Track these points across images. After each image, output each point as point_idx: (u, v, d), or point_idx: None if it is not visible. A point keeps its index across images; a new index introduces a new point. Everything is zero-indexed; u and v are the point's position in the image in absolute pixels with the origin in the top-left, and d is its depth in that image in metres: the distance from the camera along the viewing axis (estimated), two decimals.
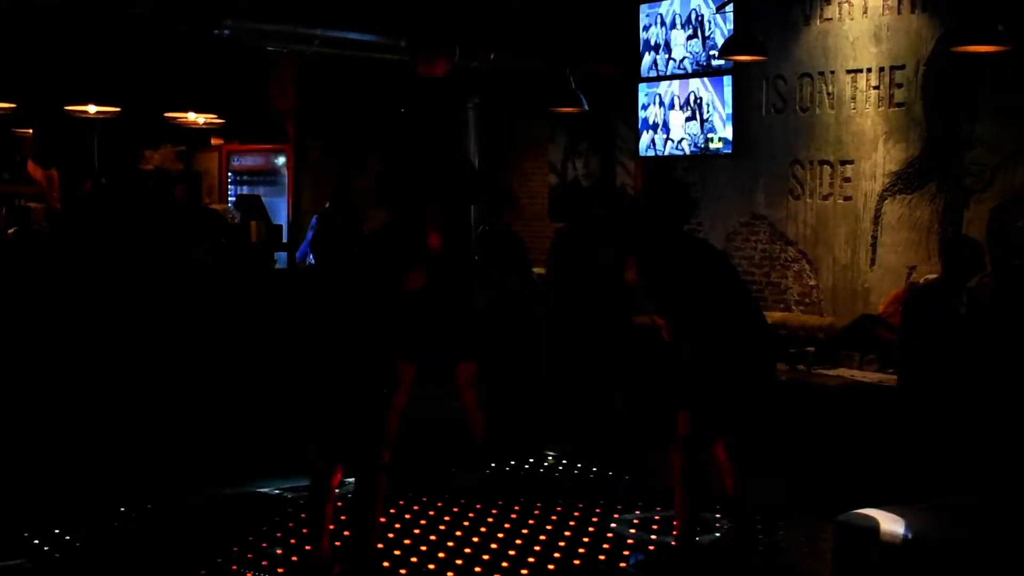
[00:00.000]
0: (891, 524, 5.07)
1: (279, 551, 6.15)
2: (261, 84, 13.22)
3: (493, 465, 8.00)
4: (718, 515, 6.77)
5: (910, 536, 4.94)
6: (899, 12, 9.21)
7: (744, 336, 5.89)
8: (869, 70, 9.44)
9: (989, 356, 6.89)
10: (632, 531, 6.61)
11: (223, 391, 8.00)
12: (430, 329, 7.15)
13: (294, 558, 6.04)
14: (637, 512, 6.99)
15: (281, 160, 13.72)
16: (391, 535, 6.43)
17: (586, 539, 6.46)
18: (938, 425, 6.74)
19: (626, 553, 6.26)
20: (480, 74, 11.95)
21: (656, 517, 6.83)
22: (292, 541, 6.29)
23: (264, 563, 5.99)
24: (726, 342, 5.80)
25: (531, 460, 8.20)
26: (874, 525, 5.12)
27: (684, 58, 10.89)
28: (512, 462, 8.08)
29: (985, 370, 6.85)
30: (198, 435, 7.67)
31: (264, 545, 6.28)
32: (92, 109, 10.96)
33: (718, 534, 6.48)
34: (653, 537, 6.52)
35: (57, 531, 6.37)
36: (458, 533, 6.55)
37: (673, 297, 5.80)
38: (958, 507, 5.32)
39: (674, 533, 6.16)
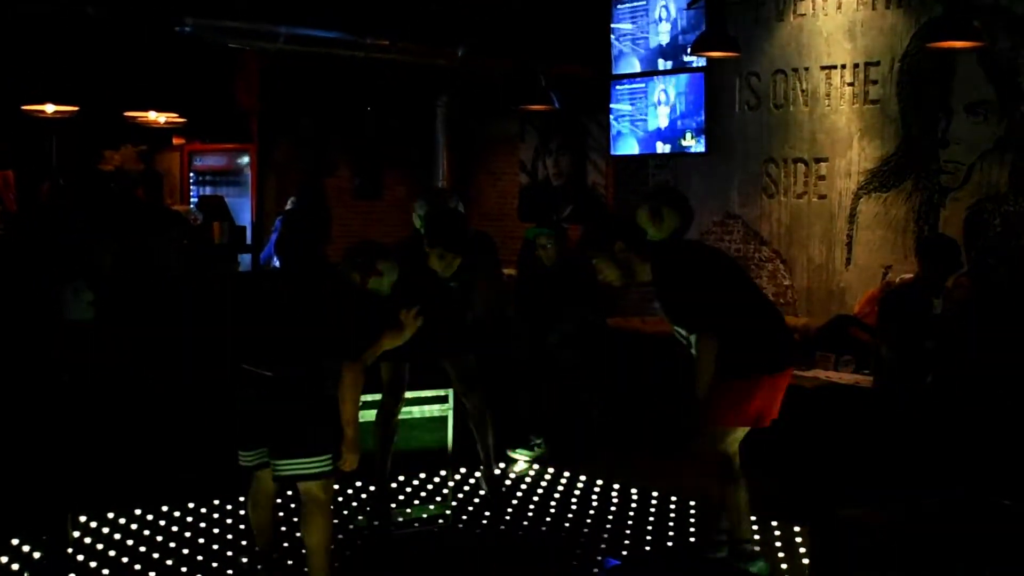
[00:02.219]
0: (868, 524, 5.10)
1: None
2: (224, 82, 13.18)
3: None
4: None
5: (887, 536, 4.97)
6: (874, 8, 9.26)
7: (772, 339, 5.79)
8: (844, 66, 9.49)
9: (966, 356, 6.96)
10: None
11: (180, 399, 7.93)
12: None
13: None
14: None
15: (245, 160, 13.68)
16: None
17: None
18: (914, 426, 6.80)
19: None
20: (448, 72, 11.97)
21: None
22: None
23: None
24: (757, 345, 5.68)
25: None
26: (850, 526, 5.14)
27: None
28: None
29: (962, 370, 6.91)
30: (147, 444, 7.61)
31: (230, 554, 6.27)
32: (50, 108, 10.89)
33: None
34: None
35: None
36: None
37: (696, 304, 5.62)
38: (935, 506, 5.35)
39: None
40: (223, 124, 13.41)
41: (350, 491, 7.36)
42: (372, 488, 7.29)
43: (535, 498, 7.42)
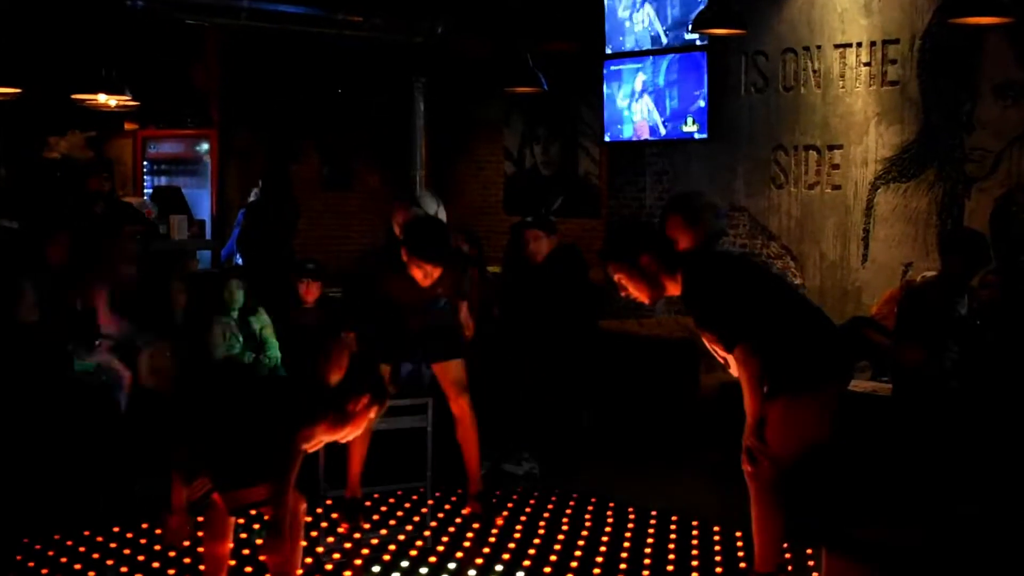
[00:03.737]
0: (886, 545, 5.07)
1: None
2: (181, 62, 13.11)
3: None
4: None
5: (907, 558, 4.94)
6: None
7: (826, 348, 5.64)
8: (859, 45, 9.46)
9: (994, 361, 6.93)
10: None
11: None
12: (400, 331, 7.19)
13: None
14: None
15: (204, 147, 13.61)
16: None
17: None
18: (937, 437, 6.77)
19: None
20: (426, 50, 11.91)
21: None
22: None
23: None
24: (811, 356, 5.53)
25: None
26: (868, 547, 5.11)
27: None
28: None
29: (989, 377, 6.88)
30: (96, 459, 7.56)
31: None
32: None
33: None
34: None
35: None
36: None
37: (740, 317, 5.46)
38: (958, 523, 5.33)
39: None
40: (180, 108, 13.35)
41: (320, 510, 7.30)
42: (343, 507, 7.25)
43: (523, 517, 7.38)
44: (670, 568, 6.41)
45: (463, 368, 7.41)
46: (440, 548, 6.78)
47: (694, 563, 6.51)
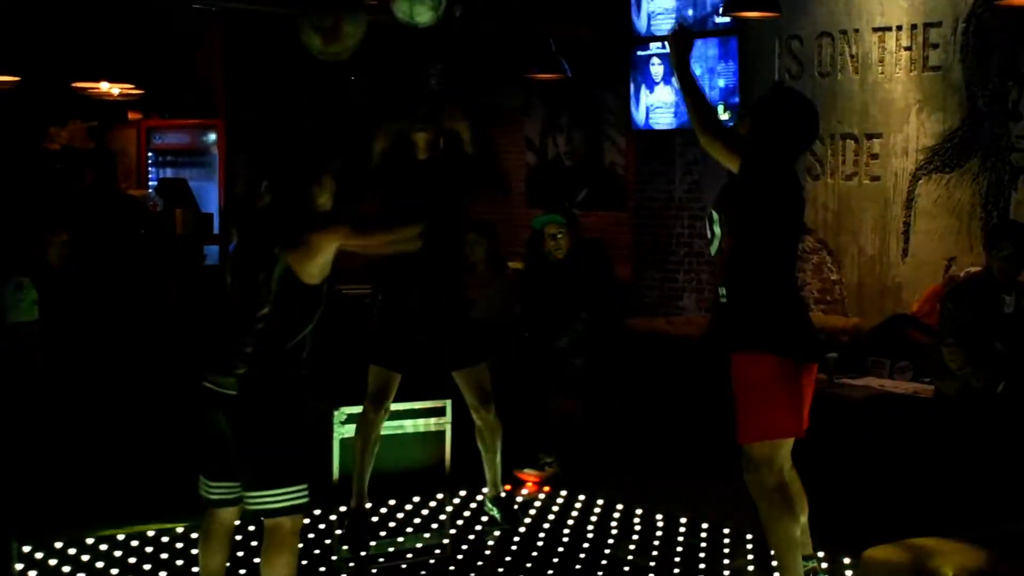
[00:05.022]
0: (928, 559, 5.08)
1: None
2: (186, 49, 13.17)
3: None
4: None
5: (951, 574, 4.94)
6: None
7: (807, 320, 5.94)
8: (900, 28, 9.45)
9: None
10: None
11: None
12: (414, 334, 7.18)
13: None
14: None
15: (211, 137, 13.67)
16: None
17: None
18: (982, 441, 6.77)
19: None
20: (443, 35, 11.93)
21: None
22: None
23: None
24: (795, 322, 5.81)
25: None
26: (908, 560, 5.13)
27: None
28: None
29: None
30: (99, 461, 7.60)
31: None
32: None
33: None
34: None
35: None
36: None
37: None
38: (1007, 537, 5.33)
39: None
40: (185, 96, 13.40)
41: (333, 517, 7.34)
42: (348, 514, 7.25)
43: (546, 525, 7.40)
44: None
45: (487, 374, 7.37)
46: (460, 556, 6.82)
47: (725, 572, 6.53)
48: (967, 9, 9.04)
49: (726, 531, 7.18)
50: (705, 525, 7.31)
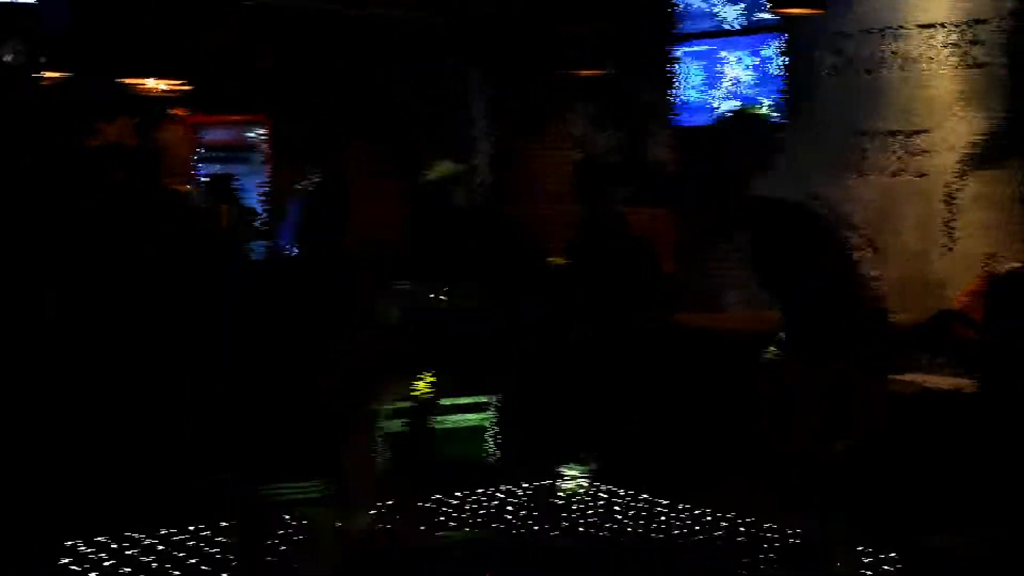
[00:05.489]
0: (969, 554, 5.10)
1: None
2: (234, 44, 13.24)
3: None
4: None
5: (987, 569, 4.97)
6: None
7: None
8: (944, 25, 9.45)
9: None
10: None
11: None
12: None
13: None
14: None
15: (256, 134, 13.74)
16: None
17: None
18: None
19: None
20: (482, 30, 11.95)
21: None
22: None
23: None
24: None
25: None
26: (950, 555, 5.15)
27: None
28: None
29: None
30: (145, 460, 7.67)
31: None
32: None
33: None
34: None
35: None
36: None
37: None
38: None
39: None
40: (233, 92, 13.47)
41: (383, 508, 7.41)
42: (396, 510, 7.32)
43: (587, 521, 7.44)
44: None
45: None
46: (502, 551, 6.88)
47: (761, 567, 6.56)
48: (1013, 6, 9.03)
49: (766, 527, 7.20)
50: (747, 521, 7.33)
